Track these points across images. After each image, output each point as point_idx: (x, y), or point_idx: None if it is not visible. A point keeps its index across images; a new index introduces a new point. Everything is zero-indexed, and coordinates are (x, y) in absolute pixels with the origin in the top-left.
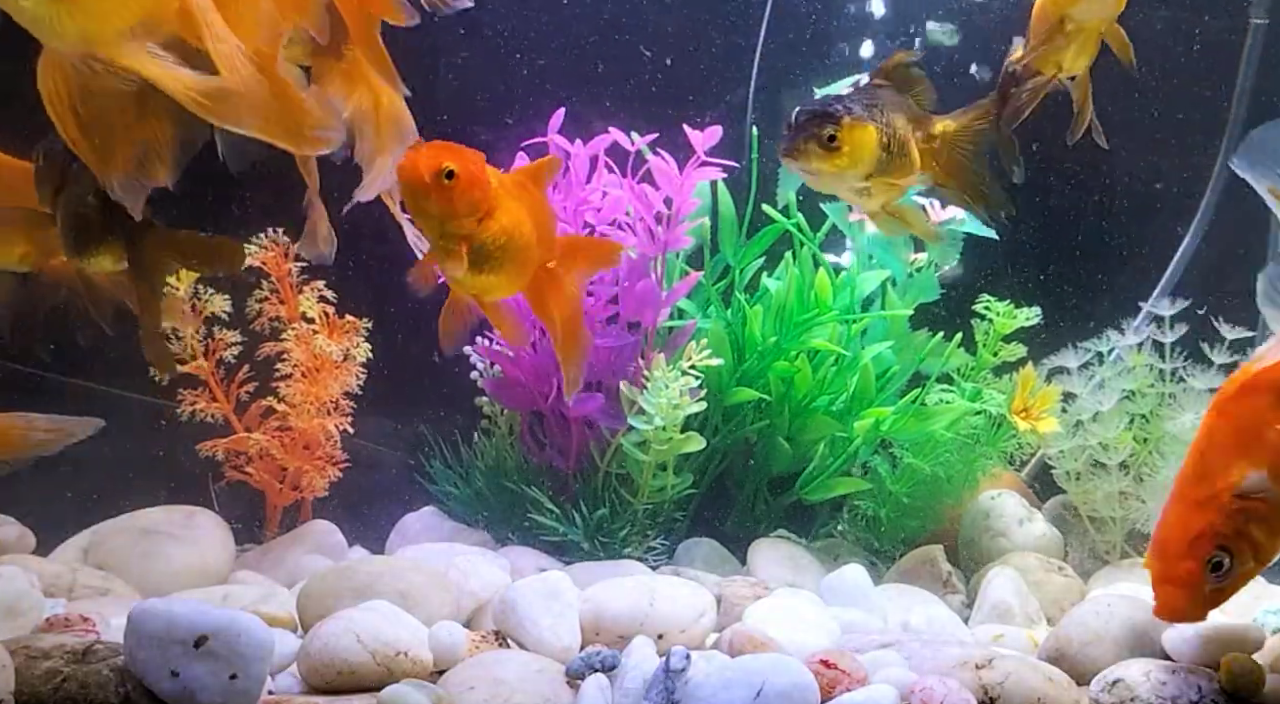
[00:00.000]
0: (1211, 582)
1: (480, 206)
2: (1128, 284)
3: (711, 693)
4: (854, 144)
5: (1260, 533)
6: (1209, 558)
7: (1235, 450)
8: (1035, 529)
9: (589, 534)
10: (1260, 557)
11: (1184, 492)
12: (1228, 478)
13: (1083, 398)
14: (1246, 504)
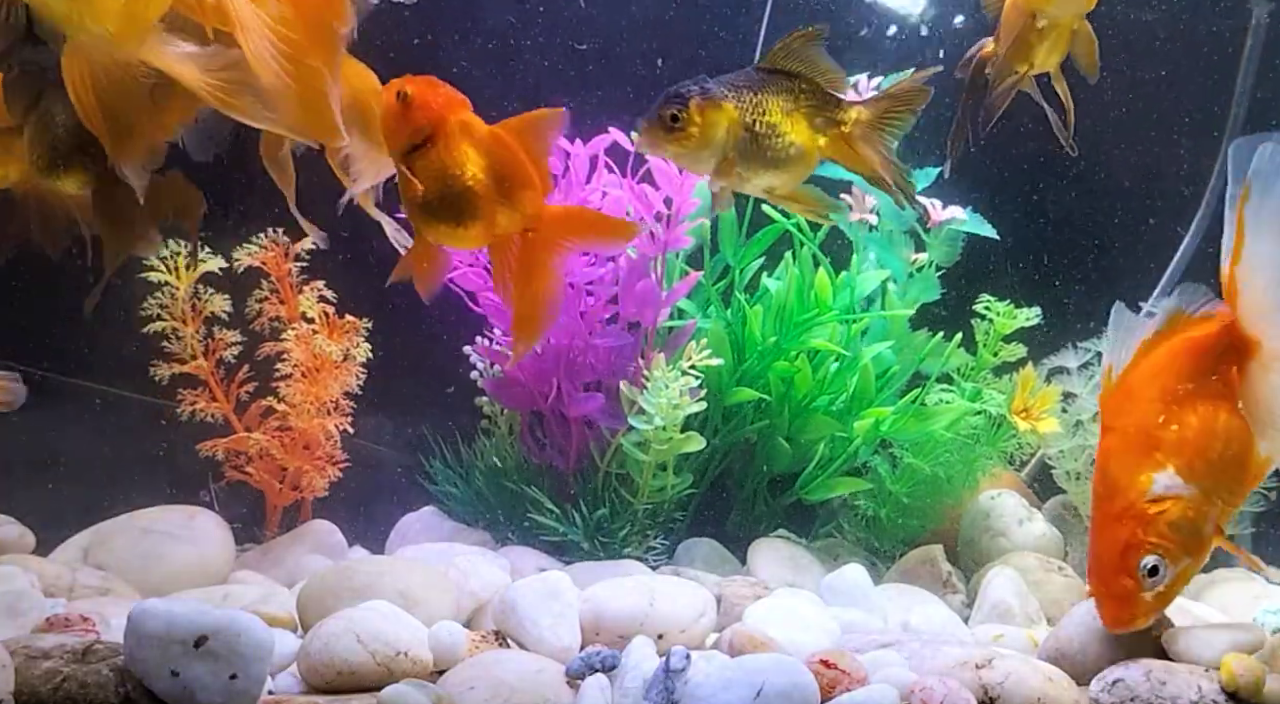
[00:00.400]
0: (1150, 588)
1: (422, 131)
2: (1128, 284)
3: (711, 693)
4: (704, 124)
5: (1185, 530)
6: (1141, 567)
7: (1135, 459)
8: (1035, 529)
9: (589, 534)
10: (1193, 551)
11: (1102, 509)
12: (1136, 487)
13: (1083, 398)
14: (1163, 507)
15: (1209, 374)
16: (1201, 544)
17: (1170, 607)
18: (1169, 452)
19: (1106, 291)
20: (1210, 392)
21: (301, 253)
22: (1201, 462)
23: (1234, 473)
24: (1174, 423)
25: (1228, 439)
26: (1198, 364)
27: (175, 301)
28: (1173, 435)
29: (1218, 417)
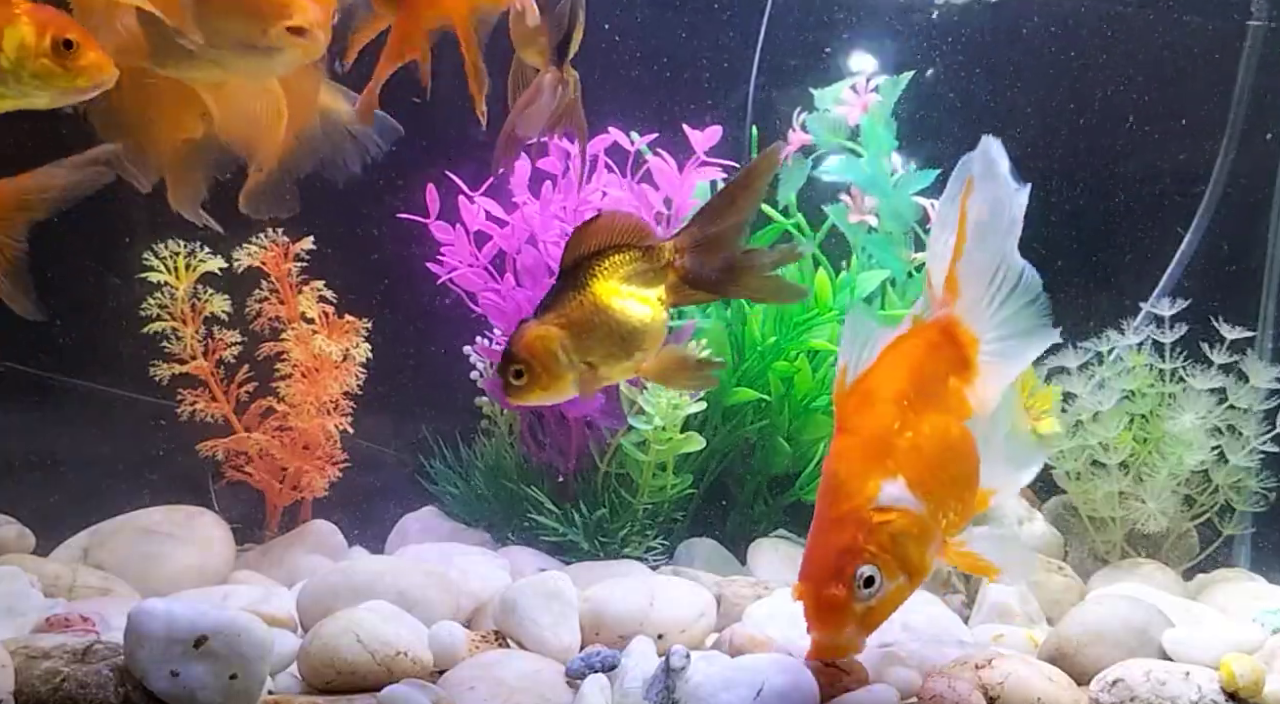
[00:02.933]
0: (861, 599)
1: None
2: (1128, 284)
3: (711, 693)
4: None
5: (907, 545)
6: (857, 576)
7: (866, 463)
8: (1035, 529)
9: (589, 534)
10: (912, 570)
11: (824, 512)
12: (864, 492)
13: (1083, 398)
14: (888, 517)
15: (942, 380)
16: (922, 564)
17: (1170, 606)
18: (901, 461)
19: (1106, 291)
20: (943, 401)
21: (301, 253)
22: (933, 476)
23: (963, 492)
24: (909, 430)
25: (959, 454)
26: (932, 369)
27: (175, 301)
28: (906, 443)
29: (950, 429)
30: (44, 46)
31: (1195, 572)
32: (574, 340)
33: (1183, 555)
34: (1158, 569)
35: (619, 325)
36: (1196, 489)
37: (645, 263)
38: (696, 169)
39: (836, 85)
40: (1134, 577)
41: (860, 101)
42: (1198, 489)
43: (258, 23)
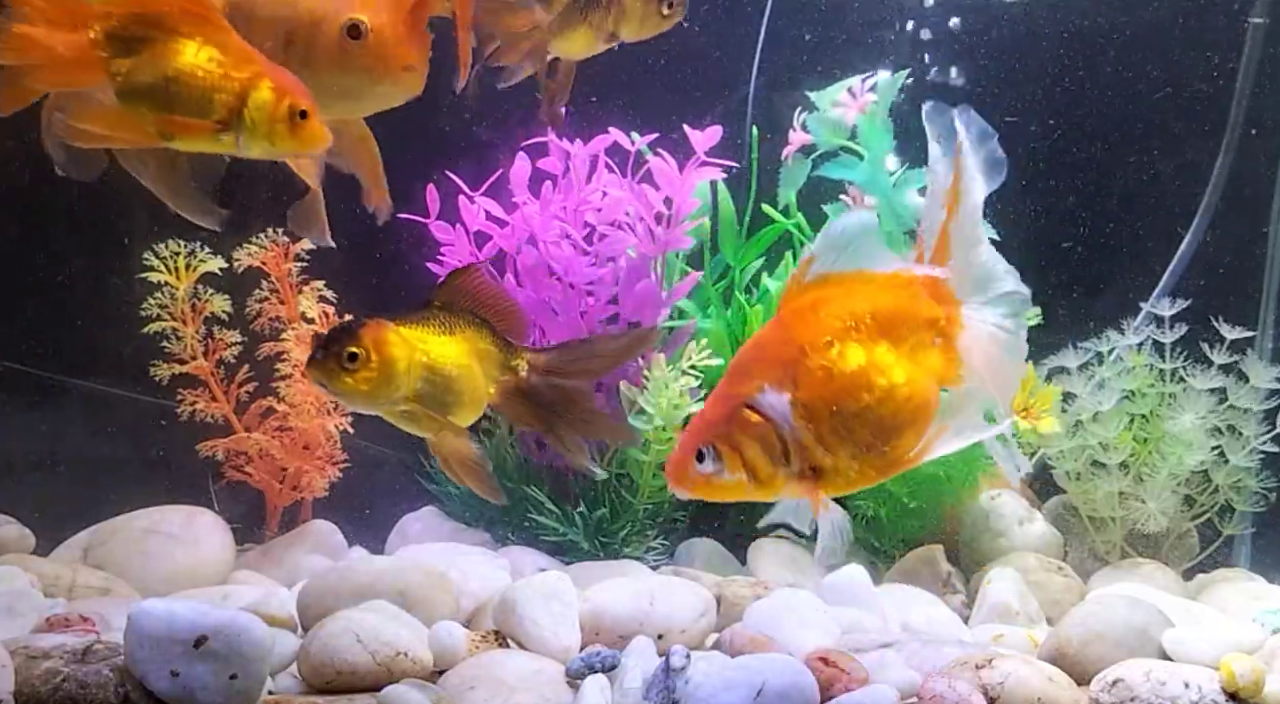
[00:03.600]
0: (701, 469)
1: None
2: (1128, 284)
3: (711, 693)
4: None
5: (754, 453)
6: (700, 448)
7: (767, 363)
8: (1035, 529)
9: (589, 534)
10: (754, 477)
11: (721, 384)
12: (747, 387)
13: (1083, 398)
14: (749, 418)
15: (918, 331)
16: (769, 478)
17: (1170, 606)
18: (804, 380)
19: (1106, 291)
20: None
21: (301, 253)
22: (835, 411)
23: (879, 446)
24: (838, 356)
25: (895, 408)
26: (908, 315)
27: (175, 301)
28: (822, 366)
29: (901, 381)
30: (281, 112)
31: (1195, 572)
32: (418, 365)
33: (1183, 555)
34: (1158, 569)
35: (450, 382)
36: (1196, 489)
37: (498, 353)
38: (696, 169)
39: (834, 86)
40: (1134, 577)
41: (857, 102)
42: (1198, 489)
43: (376, 75)
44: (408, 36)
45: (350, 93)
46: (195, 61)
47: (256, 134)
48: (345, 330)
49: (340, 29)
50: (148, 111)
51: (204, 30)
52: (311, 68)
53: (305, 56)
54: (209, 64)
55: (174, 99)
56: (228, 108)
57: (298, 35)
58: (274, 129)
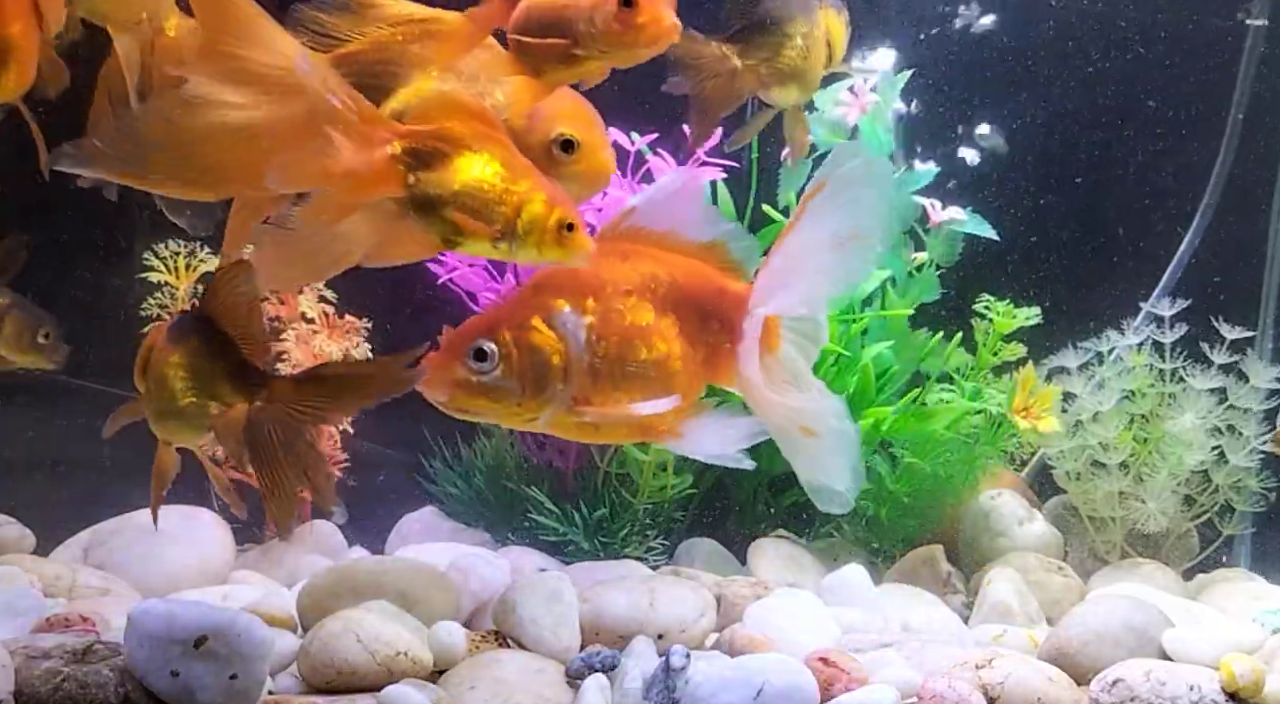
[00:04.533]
0: (470, 368)
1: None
2: (1128, 284)
3: (711, 693)
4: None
5: (543, 367)
6: (475, 342)
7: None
8: (1035, 529)
9: (589, 534)
10: (528, 391)
11: (523, 289)
12: (552, 301)
13: (1083, 398)
14: (545, 332)
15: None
16: (541, 396)
17: (1170, 606)
18: (606, 314)
19: (1106, 291)
20: (701, 345)
21: None
22: (618, 351)
23: (639, 394)
24: (631, 309)
25: (658, 365)
26: (692, 298)
27: (175, 301)
28: (618, 307)
29: (668, 343)
30: (551, 224)
31: (1195, 572)
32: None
33: (1183, 555)
34: (1158, 569)
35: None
36: (1196, 489)
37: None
38: (696, 169)
39: (835, 86)
40: (1134, 577)
41: (858, 102)
42: (1198, 489)
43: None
44: (608, 148)
45: None
46: (482, 176)
47: (527, 243)
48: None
49: (552, 142)
50: (433, 220)
51: (490, 146)
52: None
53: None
54: (494, 178)
55: (460, 209)
56: (505, 219)
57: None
58: (543, 239)
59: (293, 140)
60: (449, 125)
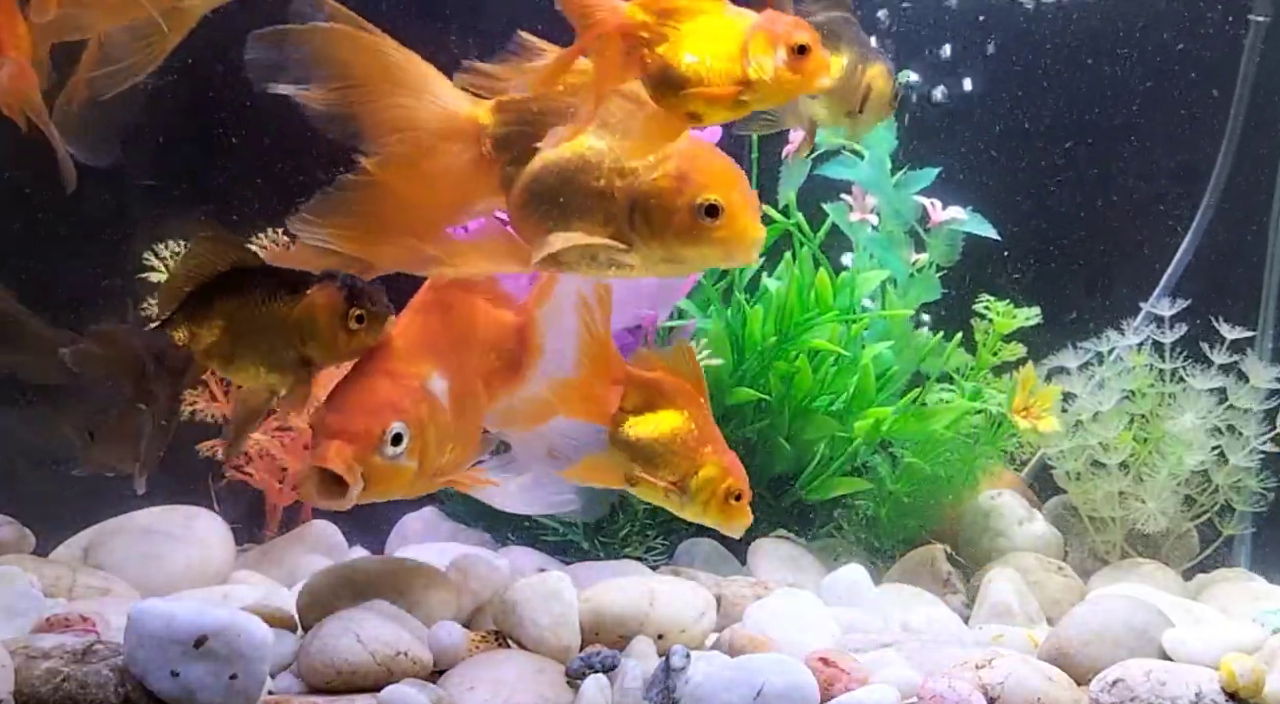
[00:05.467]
0: (386, 455)
1: None
2: (1128, 284)
3: (711, 693)
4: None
5: (431, 436)
6: (390, 427)
7: (436, 353)
8: (1035, 529)
9: (589, 534)
10: (422, 463)
11: (376, 364)
12: (421, 370)
13: (1083, 398)
14: (432, 401)
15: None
16: (429, 465)
17: (1170, 606)
18: (459, 374)
19: (1106, 291)
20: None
21: None
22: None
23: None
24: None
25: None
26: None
27: None
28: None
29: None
30: (720, 490)
31: (1195, 572)
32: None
33: (1183, 555)
34: (1158, 569)
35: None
36: (1196, 489)
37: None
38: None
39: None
40: (1134, 577)
41: None
42: (1198, 489)
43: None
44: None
45: (690, 262)
46: (678, 429)
47: (695, 499)
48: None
49: (698, 207)
50: (629, 458)
51: (691, 407)
52: (659, 240)
53: (652, 229)
54: (687, 435)
55: (654, 454)
56: (683, 473)
57: (650, 209)
58: (710, 500)
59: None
60: (665, 379)
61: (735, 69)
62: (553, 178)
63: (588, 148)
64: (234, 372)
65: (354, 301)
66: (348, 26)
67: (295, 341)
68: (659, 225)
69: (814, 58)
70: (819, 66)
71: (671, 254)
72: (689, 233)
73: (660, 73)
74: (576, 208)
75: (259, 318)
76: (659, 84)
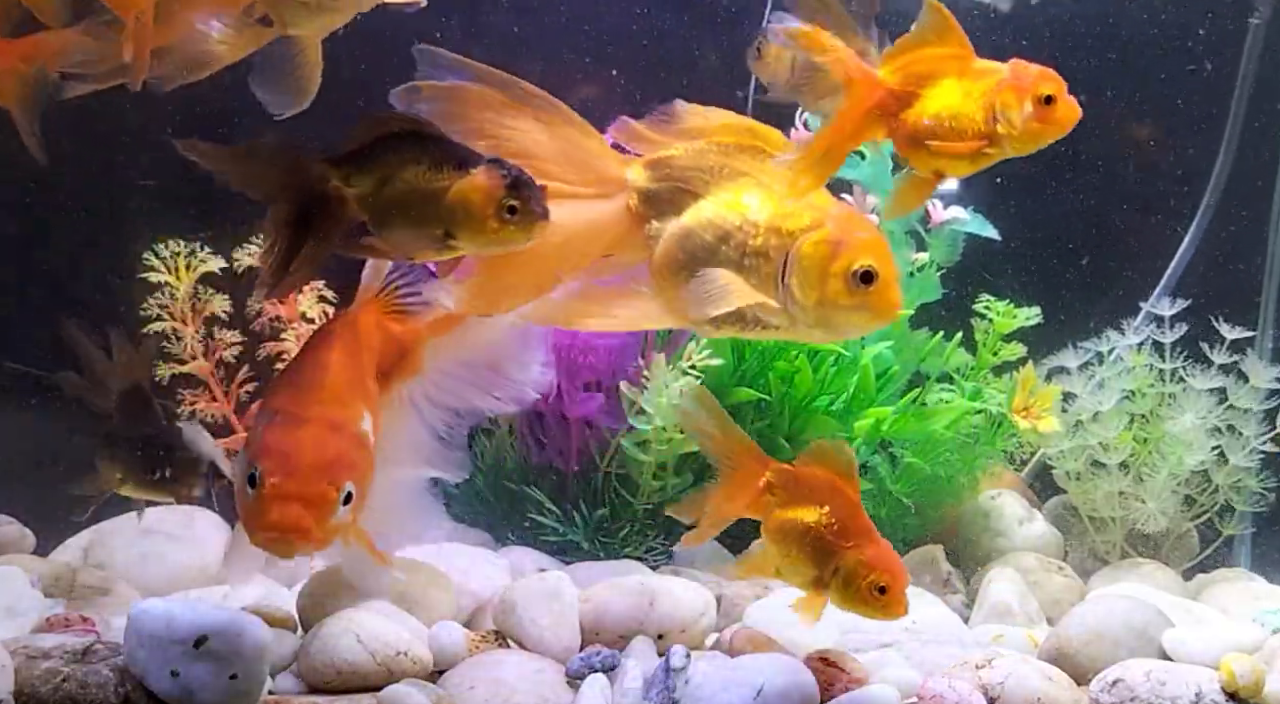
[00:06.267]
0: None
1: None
2: (1128, 284)
3: (711, 693)
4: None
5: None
6: (344, 489)
7: (367, 390)
8: (1035, 529)
9: (589, 534)
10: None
11: (318, 414)
12: (357, 411)
13: (1083, 398)
14: (366, 446)
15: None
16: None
17: (1170, 606)
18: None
19: (1106, 291)
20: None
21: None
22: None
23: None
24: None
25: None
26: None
27: (175, 302)
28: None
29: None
30: (863, 587)
31: (1195, 572)
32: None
33: (1183, 555)
34: (1158, 569)
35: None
36: (1196, 489)
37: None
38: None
39: None
40: (1134, 577)
41: None
42: (1198, 489)
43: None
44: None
45: (835, 326)
46: (816, 524)
47: (839, 593)
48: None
49: (851, 274)
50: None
51: (834, 501)
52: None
53: (805, 291)
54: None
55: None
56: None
57: (805, 271)
58: (854, 595)
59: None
60: (808, 473)
61: (982, 126)
62: (709, 235)
63: (746, 207)
64: (378, 228)
65: (514, 191)
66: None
67: (443, 215)
68: (812, 288)
69: (1060, 105)
70: (1067, 113)
71: (819, 317)
72: (840, 298)
73: (911, 134)
74: (731, 266)
75: (416, 182)
76: (909, 144)
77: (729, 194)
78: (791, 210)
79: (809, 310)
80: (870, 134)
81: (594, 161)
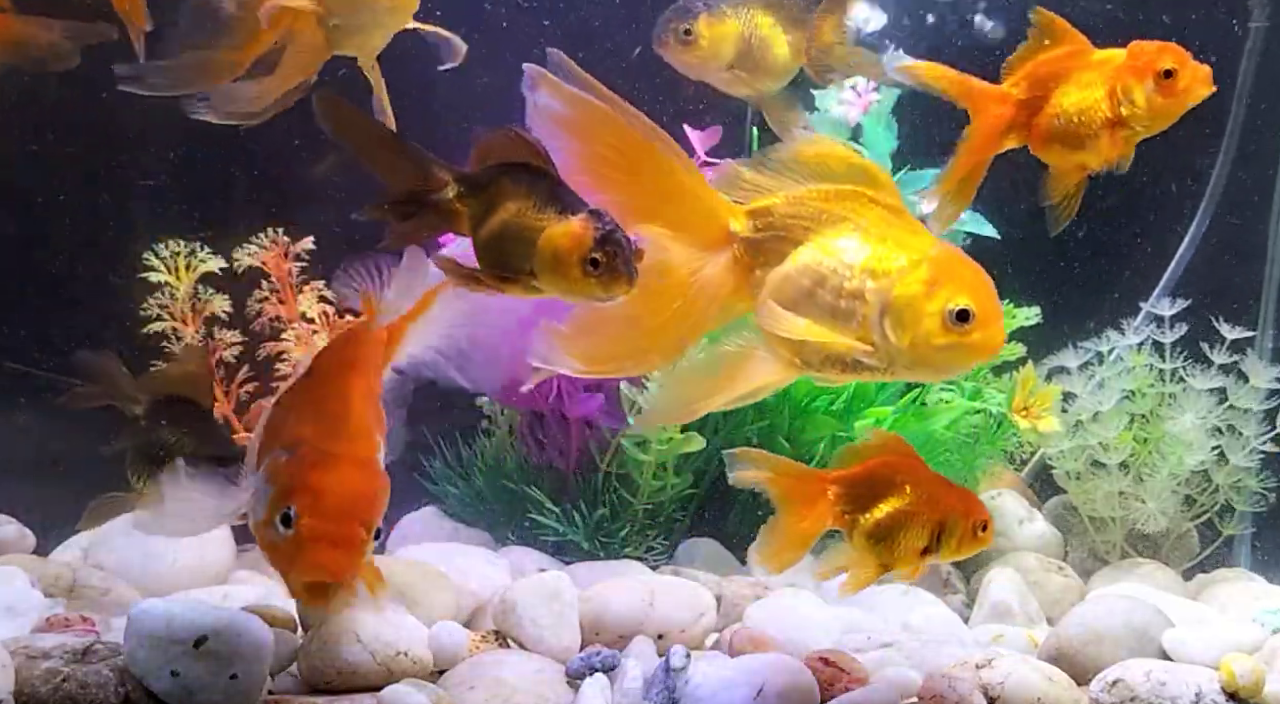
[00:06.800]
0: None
1: None
2: (1128, 284)
3: (711, 693)
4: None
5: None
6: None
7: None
8: (1035, 529)
9: (589, 534)
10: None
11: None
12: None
13: (1083, 398)
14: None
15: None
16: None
17: (1170, 606)
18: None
19: (1106, 292)
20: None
21: (301, 253)
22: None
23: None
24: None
25: None
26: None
27: (175, 302)
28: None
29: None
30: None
31: (1195, 572)
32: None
33: (1183, 555)
34: (1158, 569)
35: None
36: (1196, 489)
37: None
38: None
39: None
40: (1134, 577)
41: (861, 101)
42: (1198, 489)
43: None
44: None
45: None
46: (904, 507)
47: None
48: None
49: (948, 313)
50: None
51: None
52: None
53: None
54: (914, 507)
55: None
56: (929, 539)
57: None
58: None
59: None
60: (871, 467)
61: (1109, 113)
62: (807, 280)
63: (843, 250)
64: (476, 251)
65: (601, 245)
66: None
67: (531, 253)
68: (906, 329)
69: (1183, 75)
70: (1191, 83)
71: (915, 357)
72: (935, 337)
73: (1044, 137)
74: (827, 310)
75: (517, 217)
76: (1045, 146)
77: (826, 239)
78: (887, 252)
79: (904, 352)
80: (1005, 146)
81: (703, 210)
